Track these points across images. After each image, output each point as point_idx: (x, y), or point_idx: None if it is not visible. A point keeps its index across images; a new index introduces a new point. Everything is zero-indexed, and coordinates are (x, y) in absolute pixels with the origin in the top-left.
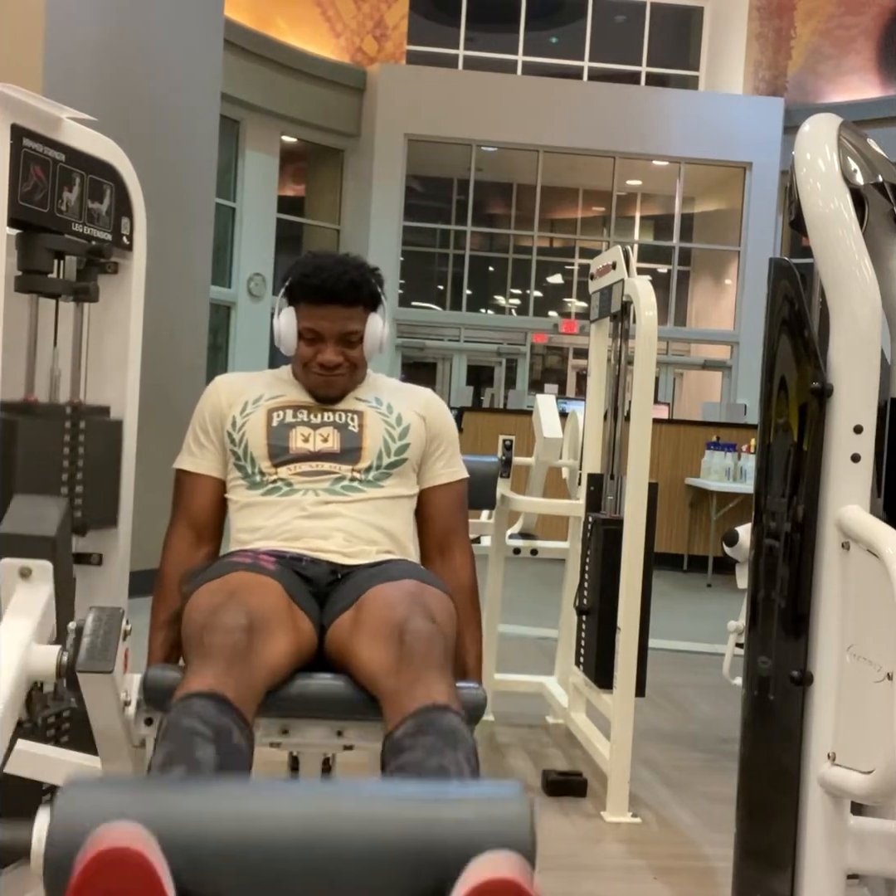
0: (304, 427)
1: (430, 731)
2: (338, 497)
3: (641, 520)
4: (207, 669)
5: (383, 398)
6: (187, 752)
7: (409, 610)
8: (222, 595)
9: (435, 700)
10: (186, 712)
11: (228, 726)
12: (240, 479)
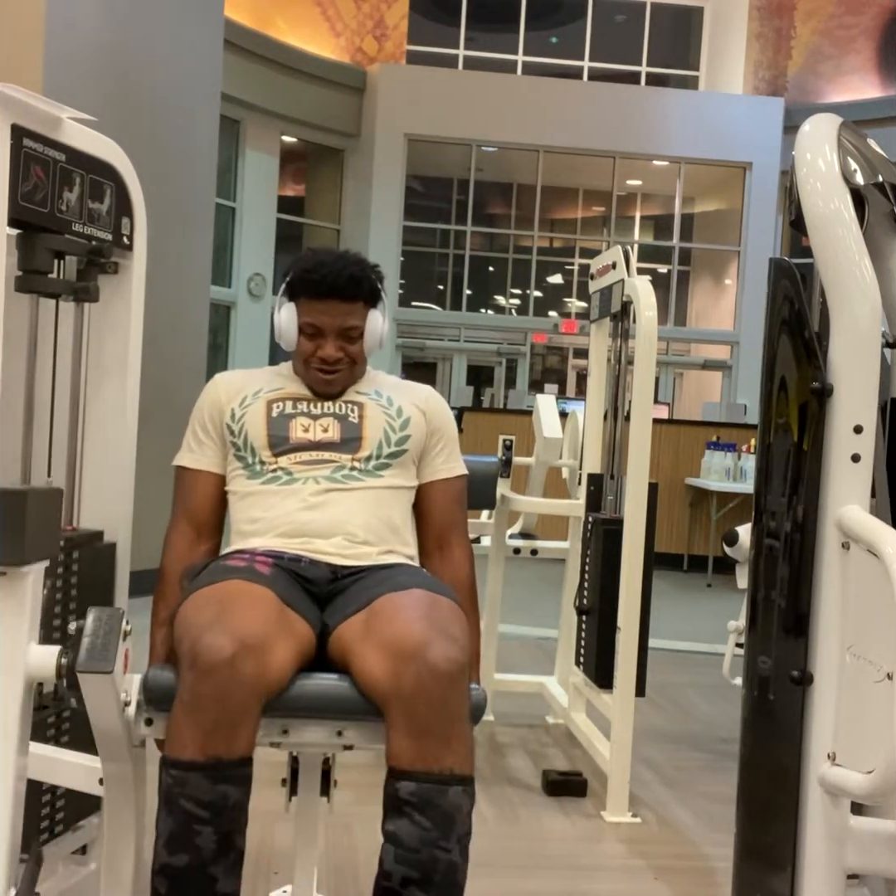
0: (304, 417)
1: (427, 812)
2: (337, 485)
3: (641, 520)
4: (197, 728)
5: (383, 392)
6: (187, 840)
7: (428, 630)
8: (212, 609)
9: (442, 767)
10: (182, 792)
11: (224, 793)
12: (240, 470)
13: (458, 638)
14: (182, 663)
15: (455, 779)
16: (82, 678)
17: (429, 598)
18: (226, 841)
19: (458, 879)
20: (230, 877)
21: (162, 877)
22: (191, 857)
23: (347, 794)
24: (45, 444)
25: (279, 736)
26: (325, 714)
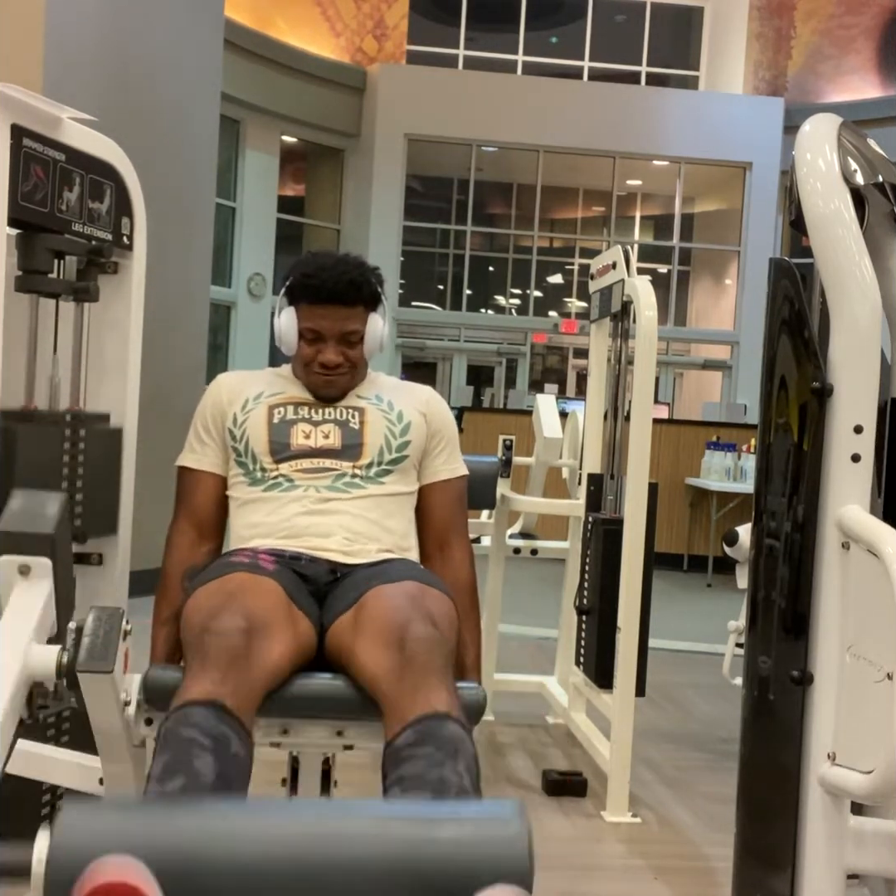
0: (306, 424)
1: (429, 742)
2: (339, 494)
3: (641, 520)
4: (205, 676)
5: (384, 396)
6: (186, 763)
7: (410, 614)
8: (221, 597)
9: (435, 708)
10: (184, 721)
11: (227, 735)
12: (241, 476)
13: (438, 622)
14: (192, 645)
15: (451, 719)
16: (82, 678)
17: (417, 587)
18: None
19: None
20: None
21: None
22: (186, 780)
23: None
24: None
25: (279, 736)
26: (325, 714)
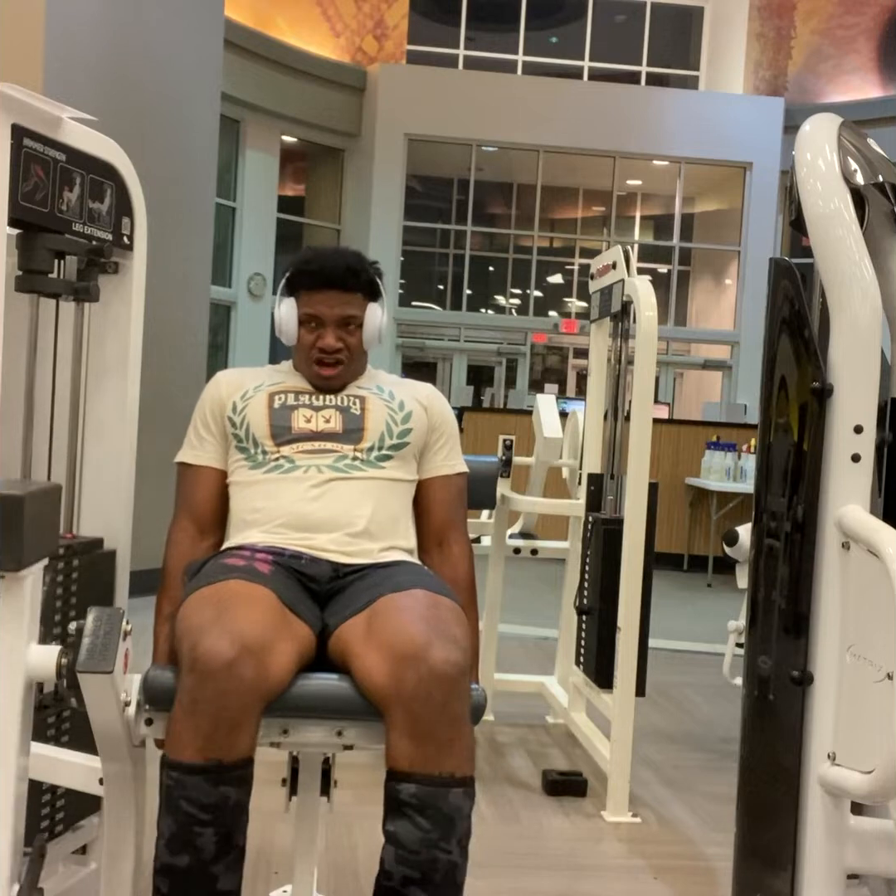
0: (306, 409)
1: (428, 813)
2: (339, 474)
3: (641, 520)
4: (198, 730)
5: (385, 387)
6: (189, 841)
7: (428, 632)
8: (212, 610)
9: (441, 771)
10: (183, 794)
11: (224, 794)
12: (242, 461)
13: (459, 640)
14: (182, 665)
15: (455, 781)
16: (82, 678)
17: (429, 598)
18: (226, 841)
19: (458, 879)
20: (231, 874)
21: (163, 876)
22: (191, 858)
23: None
24: (45, 443)
25: (279, 736)
26: (325, 714)
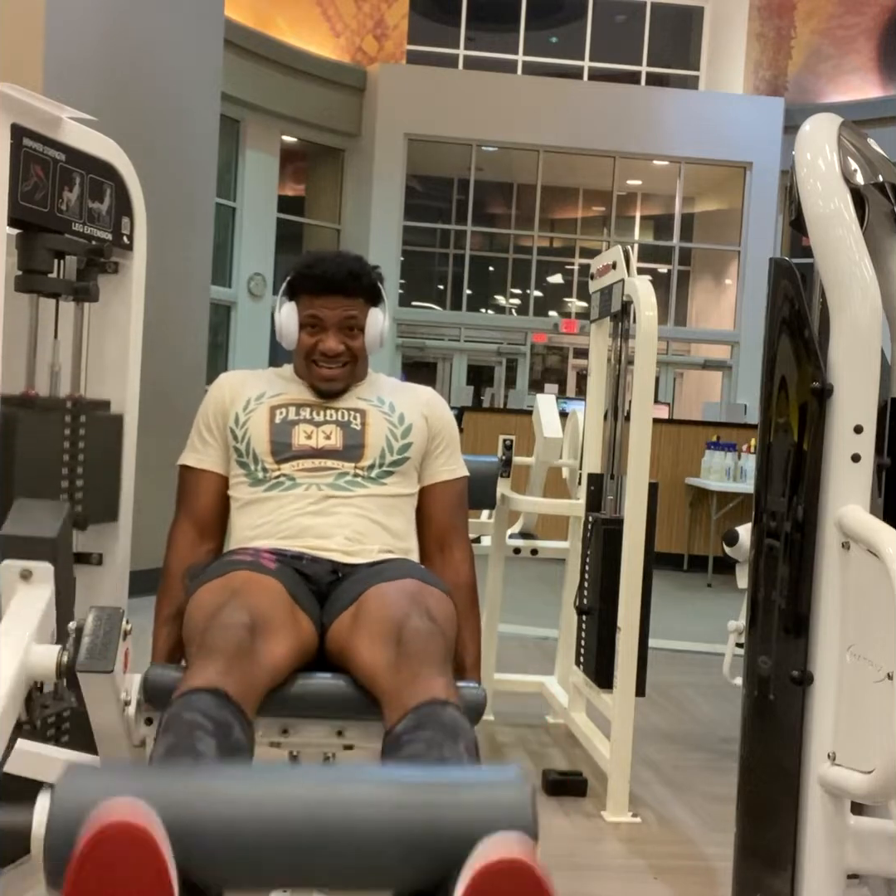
0: (307, 424)
1: (429, 726)
2: (340, 492)
3: (641, 519)
4: (209, 666)
5: (385, 398)
6: (188, 745)
7: (408, 609)
8: (224, 594)
9: (434, 695)
10: (187, 706)
11: (229, 721)
12: (242, 477)
13: (436, 618)
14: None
15: (449, 703)
16: (82, 678)
17: (415, 585)
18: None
19: None
20: None
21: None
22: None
23: None
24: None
25: (279, 736)
26: (325, 714)
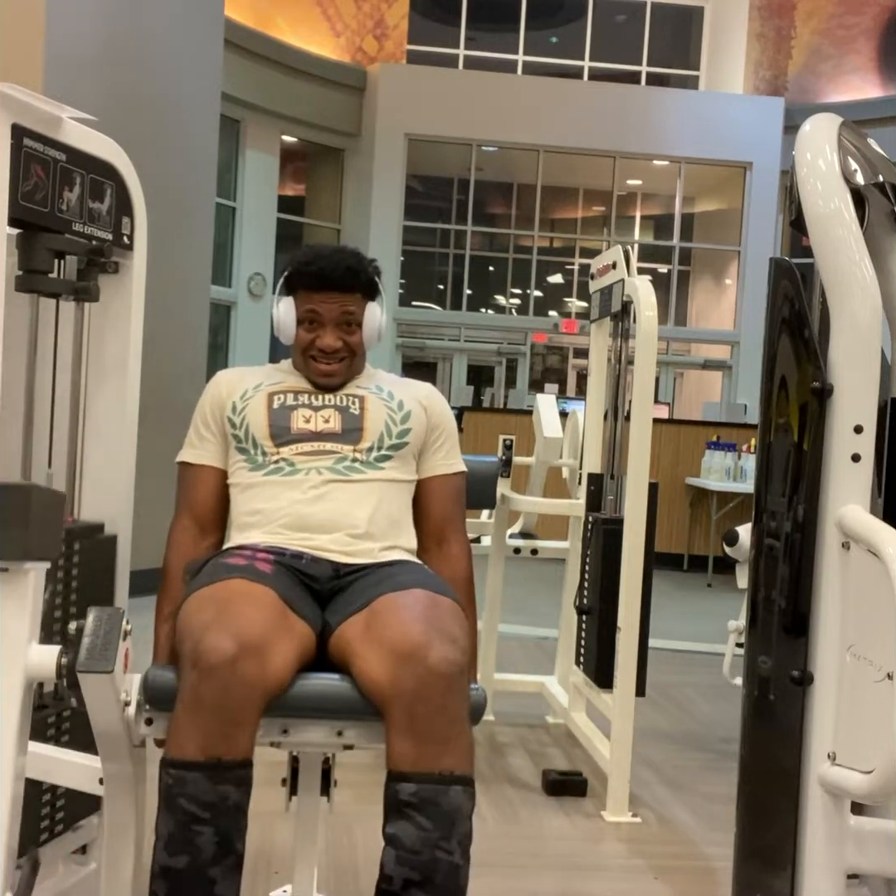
0: (306, 409)
1: (428, 812)
2: (339, 476)
3: (641, 519)
4: (198, 727)
5: (384, 387)
6: (188, 841)
7: (429, 631)
8: (212, 610)
9: (442, 769)
10: (182, 791)
11: (223, 793)
12: (242, 462)
13: (458, 639)
14: (184, 664)
15: (455, 779)
16: (82, 678)
17: (429, 597)
18: (225, 843)
19: (460, 882)
20: (229, 880)
21: (161, 879)
22: (190, 859)
23: (347, 794)
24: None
25: (279, 736)
26: (325, 714)
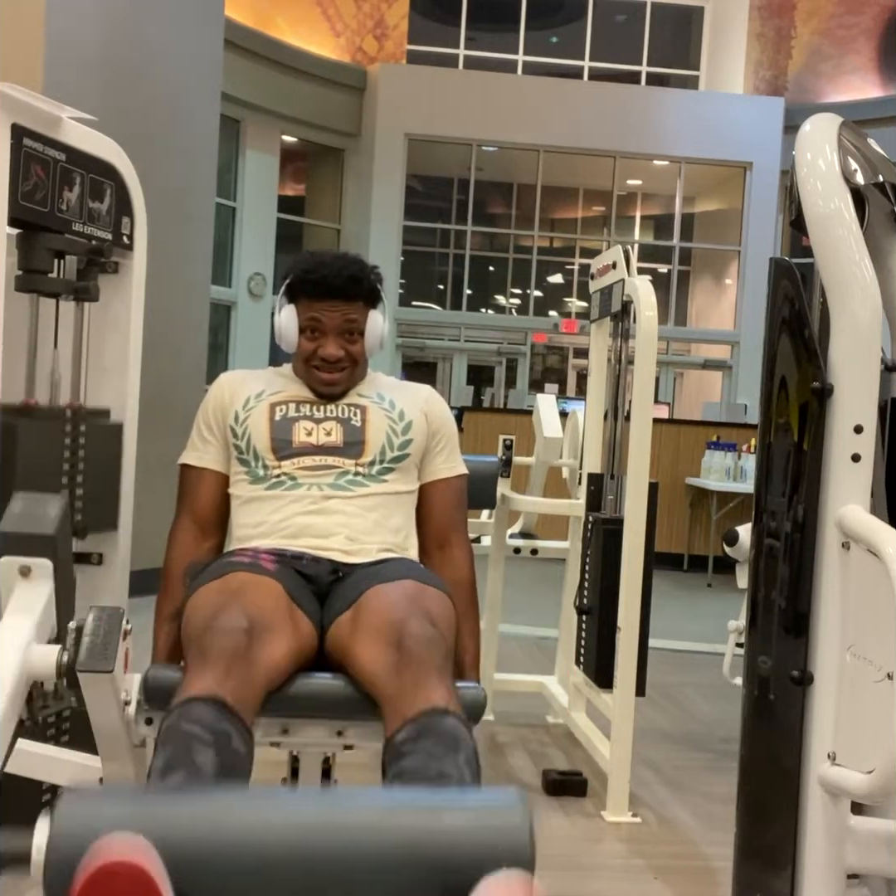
0: (307, 421)
1: (430, 736)
2: (341, 492)
3: (641, 519)
4: (207, 672)
5: (385, 395)
6: (187, 758)
7: (408, 611)
8: (222, 596)
9: (434, 704)
10: (185, 717)
11: (227, 731)
12: (243, 474)
13: (435, 618)
14: (194, 636)
15: (449, 713)
16: (82, 677)
17: (415, 587)
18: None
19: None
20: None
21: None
22: (188, 774)
23: None
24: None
25: (279, 735)
26: (325, 714)
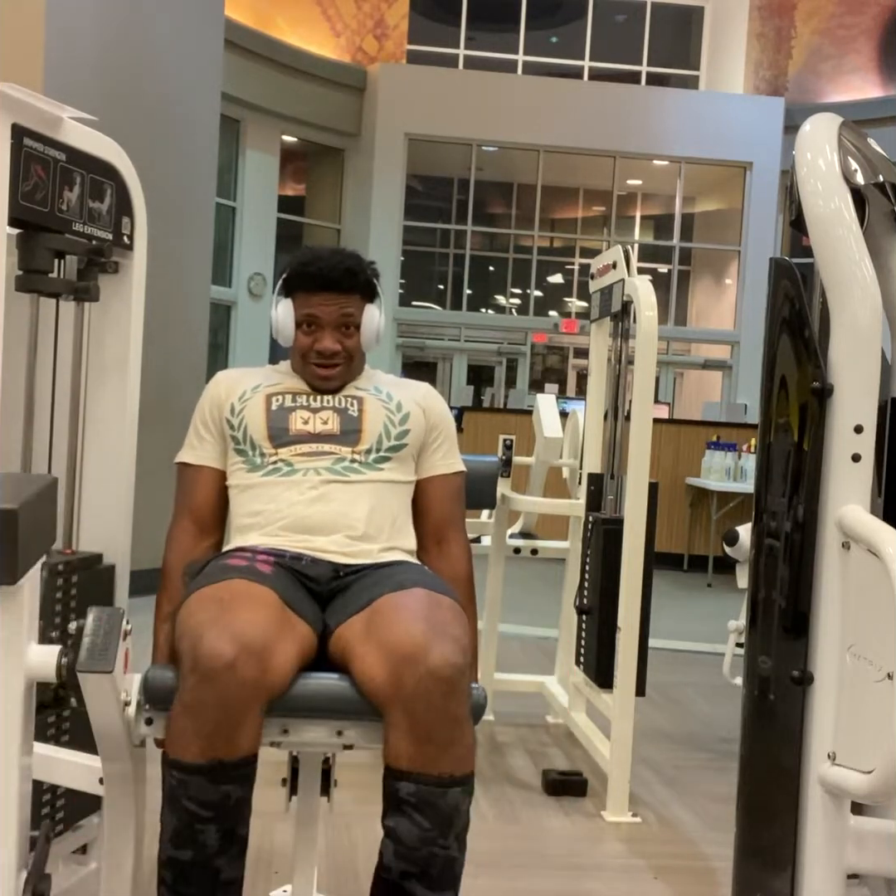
0: (304, 411)
1: (426, 812)
2: (338, 477)
3: (642, 519)
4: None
5: (382, 388)
6: (192, 837)
7: (428, 632)
8: (212, 610)
9: (440, 772)
10: (184, 793)
11: (226, 792)
12: (240, 463)
13: (459, 639)
14: (183, 665)
15: (454, 781)
16: (82, 678)
17: (430, 597)
18: (229, 835)
19: (456, 871)
20: (233, 866)
21: (168, 869)
22: (195, 853)
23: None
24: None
25: (279, 736)
26: (325, 714)
